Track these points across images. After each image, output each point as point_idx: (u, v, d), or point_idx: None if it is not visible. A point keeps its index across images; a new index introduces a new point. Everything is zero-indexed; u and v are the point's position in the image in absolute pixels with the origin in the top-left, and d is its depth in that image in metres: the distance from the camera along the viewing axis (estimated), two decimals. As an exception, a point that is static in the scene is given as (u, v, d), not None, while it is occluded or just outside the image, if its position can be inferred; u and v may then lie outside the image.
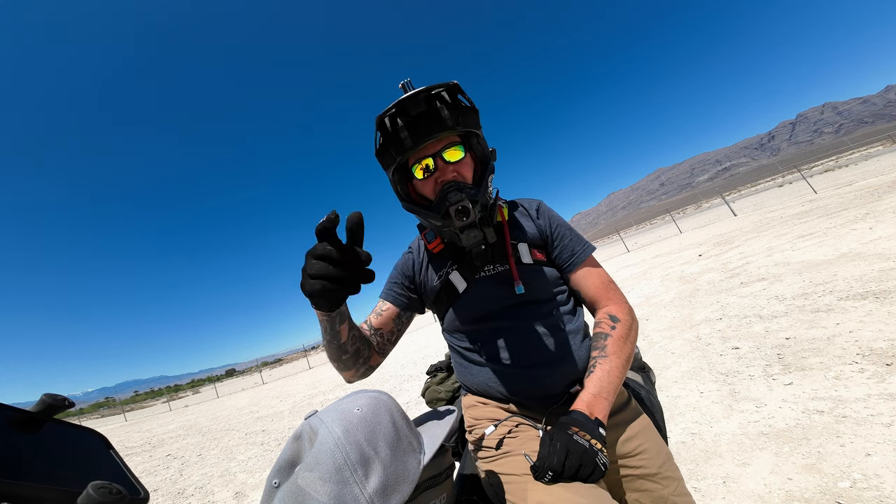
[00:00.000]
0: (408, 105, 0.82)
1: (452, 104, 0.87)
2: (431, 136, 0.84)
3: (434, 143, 0.88)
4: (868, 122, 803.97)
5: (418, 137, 0.84)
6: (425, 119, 0.84)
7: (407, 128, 0.84)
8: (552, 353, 0.89)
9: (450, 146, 0.89)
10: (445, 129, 0.84)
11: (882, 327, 2.66)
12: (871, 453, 1.65)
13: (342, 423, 0.54)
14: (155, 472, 5.79)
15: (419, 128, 0.84)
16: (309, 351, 37.74)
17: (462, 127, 0.86)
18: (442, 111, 0.84)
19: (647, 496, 0.80)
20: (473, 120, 0.89)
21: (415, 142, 0.84)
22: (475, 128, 0.90)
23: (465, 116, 0.87)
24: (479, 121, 0.91)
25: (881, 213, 6.25)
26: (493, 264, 0.95)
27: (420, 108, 0.83)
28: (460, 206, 0.80)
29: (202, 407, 18.32)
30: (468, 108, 0.88)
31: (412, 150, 0.85)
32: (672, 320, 4.73)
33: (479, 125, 0.91)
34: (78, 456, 0.38)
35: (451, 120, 0.84)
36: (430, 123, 0.84)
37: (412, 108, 0.83)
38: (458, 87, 0.84)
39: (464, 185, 0.86)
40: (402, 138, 0.84)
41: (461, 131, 0.88)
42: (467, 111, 0.88)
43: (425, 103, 0.84)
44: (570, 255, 0.98)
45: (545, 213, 1.04)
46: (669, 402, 2.72)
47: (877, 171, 16.17)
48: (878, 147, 59.69)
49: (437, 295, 1.00)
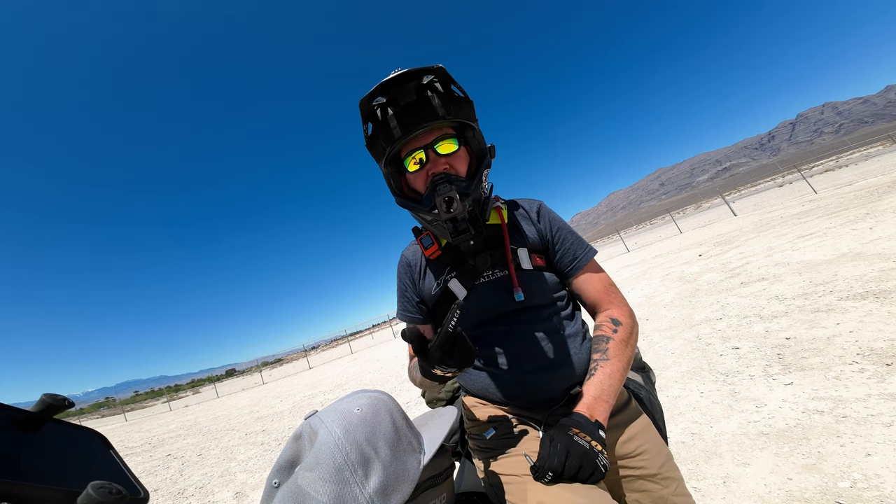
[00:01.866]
0: (397, 93, 0.80)
1: (444, 94, 0.84)
2: (422, 126, 0.81)
3: (426, 134, 0.85)
4: (868, 122, 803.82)
5: (407, 127, 0.81)
6: (415, 108, 0.81)
7: (396, 117, 0.81)
8: (552, 358, 0.88)
9: (443, 138, 0.85)
10: (436, 118, 0.81)
11: (882, 327, 2.66)
12: (871, 453, 1.65)
13: (342, 423, 0.54)
14: (155, 472, 5.79)
15: (409, 117, 0.81)
16: (309, 351, 37.72)
17: (454, 117, 0.83)
18: (433, 100, 0.81)
19: (647, 496, 0.80)
20: (467, 111, 0.86)
21: (404, 131, 0.81)
22: (470, 119, 0.87)
23: (457, 106, 0.84)
24: (473, 112, 0.88)
25: (881, 213, 6.25)
26: (492, 269, 0.92)
27: (410, 98, 0.80)
28: (447, 197, 0.77)
29: (202, 407, 18.33)
30: (461, 98, 0.85)
31: (401, 140, 0.82)
32: (672, 320, 4.73)
33: (474, 117, 0.88)
34: (78, 456, 0.38)
35: (441, 109, 0.81)
36: (420, 112, 0.81)
37: (402, 96, 0.80)
38: (443, 71, 0.80)
39: (455, 178, 0.83)
40: (392, 128, 0.81)
41: (453, 121, 0.85)
42: (460, 101, 0.85)
43: (415, 92, 0.81)
44: (572, 260, 0.96)
45: (546, 215, 1.01)
46: (669, 402, 2.72)
47: (877, 171, 16.17)
48: (879, 147, 59.66)
49: (436, 303, 0.98)
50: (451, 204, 0.77)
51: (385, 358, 12.93)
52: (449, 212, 0.78)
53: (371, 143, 0.87)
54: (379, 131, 0.85)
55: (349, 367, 14.15)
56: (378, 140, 0.85)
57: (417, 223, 1.01)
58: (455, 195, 0.77)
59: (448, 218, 0.79)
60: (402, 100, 0.81)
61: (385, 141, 0.84)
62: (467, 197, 0.82)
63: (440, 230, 0.88)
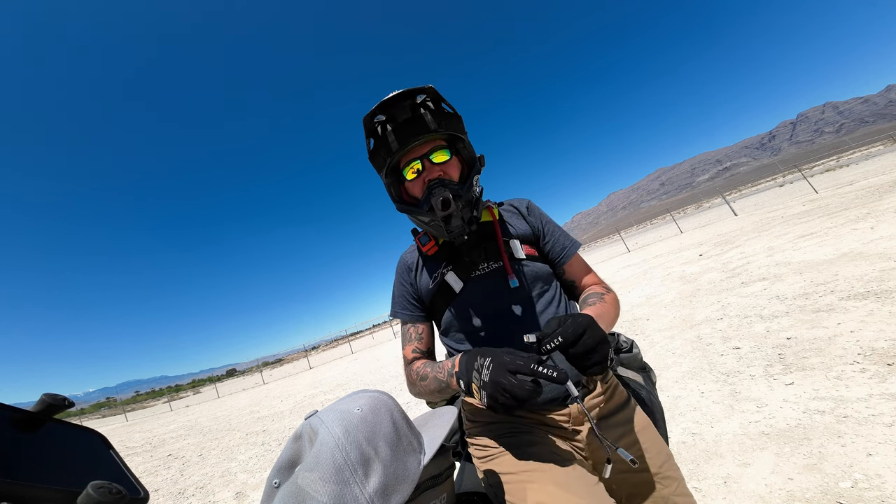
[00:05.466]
0: (394, 112, 0.92)
1: (436, 110, 0.95)
2: (417, 138, 0.92)
3: (421, 145, 0.95)
4: (869, 122, 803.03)
5: (405, 139, 0.92)
6: (411, 124, 0.92)
7: (394, 132, 0.92)
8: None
9: (437, 149, 0.95)
10: (429, 131, 0.92)
11: (883, 327, 2.66)
12: (872, 453, 1.65)
13: (342, 423, 0.54)
14: (156, 472, 5.80)
15: (405, 131, 0.92)
16: (309, 351, 37.75)
17: (445, 129, 0.93)
18: (425, 116, 0.92)
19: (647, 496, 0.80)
20: (456, 125, 0.97)
21: (401, 144, 0.92)
22: (459, 132, 0.97)
23: (448, 121, 0.95)
24: (462, 126, 0.99)
25: (882, 213, 6.25)
26: (486, 262, 0.98)
27: (406, 115, 0.92)
28: (441, 198, 0.85)
29: (203, 407, 18.34)
30: (450, 114, 0.96)
31: (399, 151, 0.93)
32: (673, 320, 4.73)
33: (463, 130, 0.99)
34: (78, 456, 0.38)
35: (433, 123, 0.92)
36: (415, 127, 0.92)
37: (398, 114, 0.92)
38: (434, 90, 0.91)
39: (448, 182, 0.92)
40: (390, 141, 0.93)
41: (445, 134, 0.96)
42: (450, 117, 0.96)
43: (410, 110, 0.92)
44: (562, 250, 1.05)
45: (535, 210, 1.11)
46: (670, 402, 2.72)
47: (878, 170, 16.15)
48: (879, 146, 59.59)
49: (432, 298, 1.02)
50: (446, 203, 0.85)
51: (385, 358, 12.93)
52: (444, 210, 0.85)
53: (373, 155, 0.98)
54: (380, 145, 0.96)
55: (350, 367, 14.16)
56: (379, 153, 0.96)
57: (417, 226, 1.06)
58: (449, 195, 0.86)
59: (443, 216, 0.87)
60: (399, 116, 0.92)
61: (385, 153, 0.95)
62: (460, 198, 0.90)
63: (437, 230, 0.95)
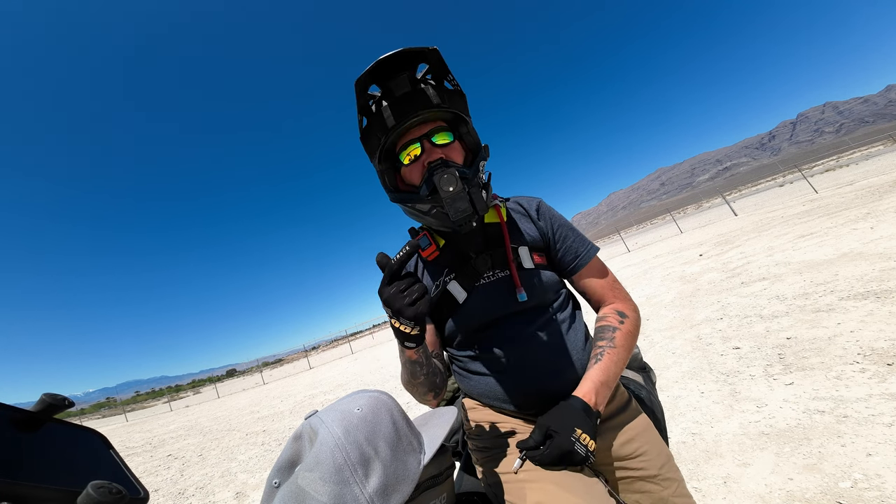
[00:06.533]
0: (391, 85, 0.80)
1: (438, 86, 0.84)
2: (416, 113, 0.81)
3: (420, 126, 0.85)
4: (869, 122, 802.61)
5: (403, 114, 0.80)
6: (410, 98, 0.81)
7: (391, 107, 0.81)
8: (555, 362, 0.86)
9: (438, 131, 0.85)
10: (430, 106, 0.81)
11: (883, 327, 2.66)
12: (872, 453, 1.65)
13: (342, 423, 0.54)
14: (156, 472, 5.79)
15: (403, 105, 0.80)
16: (309, 351, 37.73)
17: (448, 106, 0.83)
18: (427, 90, 0.81)
19: (647, 497, 0.80)
20: (461, 104, 0.86)
21: (398, 119, 0.80)
22: (463, 112, 0.86)
23: (451, 98, 0.84)
24: (466, 107, 0.88)
25: (882, 213, 6.24)
26: (492, 270, 0.90)
27: (405, 88, 0.81)
28: (445, 174, 0.76)
29: (203, 407, 18.33)
30: (454, 91, 0.86)
31: (396, 128, 0.81)
32: (673, 320, 4.73)
33: (467, 112, 0.88)
34: (78, 456, 0.38)
35: (436, 97, 0.81)
36: (415, 101, 0.80)
37: (396, 88, 0.80)
38: (438, 54, 0.79)
39: (452, 163, 0.83)
40: (386, 117, 0.81)
41: (447, 112, 0.85)
42: (453, 94, 0.85)
43: (410, 84, 0.81)
44: (574, 258, 0.95)
45: (546, 213, 0.99)
46: (670, 403, 2.72)
47: (878, 170, 16.14)
48: (879, 146, 59.55)
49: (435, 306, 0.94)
50: (451, 182, 0.76)
51: (385, 358, 12.92)
52: (449, 190, 0.76)
53: (366, 135, 0.87)
54: (374, 122, 0.84)
55: (350, 367, 14.15)
56: (373, 131, 0.85)
57: (414, 223, 0.99)
58: (454, 174, 0.77)
59: (448, 195, 0.76)
60: (397, 90, 0.81)
61: (380, 131, 0.83)
62: (467, 180, 0.81)
63: (440, 217, 0.84)
